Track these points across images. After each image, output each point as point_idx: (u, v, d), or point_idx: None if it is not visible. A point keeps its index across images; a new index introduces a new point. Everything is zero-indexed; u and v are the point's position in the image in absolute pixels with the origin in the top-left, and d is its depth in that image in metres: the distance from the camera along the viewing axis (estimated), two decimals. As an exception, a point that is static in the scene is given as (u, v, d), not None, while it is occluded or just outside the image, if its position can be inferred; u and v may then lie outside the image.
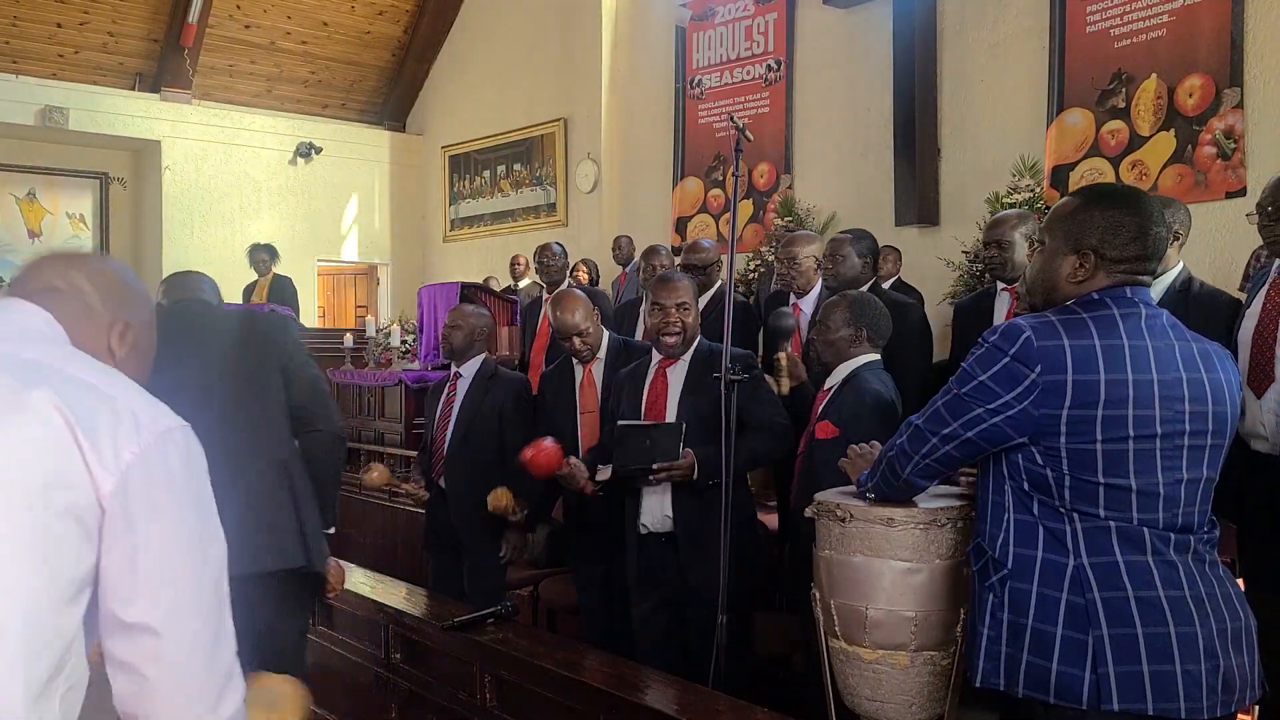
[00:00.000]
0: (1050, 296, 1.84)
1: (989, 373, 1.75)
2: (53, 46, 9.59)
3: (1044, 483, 1.75)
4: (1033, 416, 1.71)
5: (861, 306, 2.94)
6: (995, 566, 1.78)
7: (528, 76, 10.20)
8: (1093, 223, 1.77)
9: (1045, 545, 1.74)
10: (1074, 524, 1.72)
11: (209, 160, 10.31)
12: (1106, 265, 1.77)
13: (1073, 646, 1.69)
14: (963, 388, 1.79)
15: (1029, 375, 1.71)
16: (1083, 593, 1.70)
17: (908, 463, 1.90)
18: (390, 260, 11.73)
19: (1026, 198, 6.19)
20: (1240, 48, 5.62)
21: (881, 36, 7.04)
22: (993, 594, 1.78)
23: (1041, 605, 1.72)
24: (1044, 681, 1.70)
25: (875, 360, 2.93)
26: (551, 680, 2.59)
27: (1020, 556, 1.76)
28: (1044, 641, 1.71)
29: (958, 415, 1.79)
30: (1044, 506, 1.75)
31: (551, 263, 5.55)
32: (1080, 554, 1.71)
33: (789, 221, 7.54)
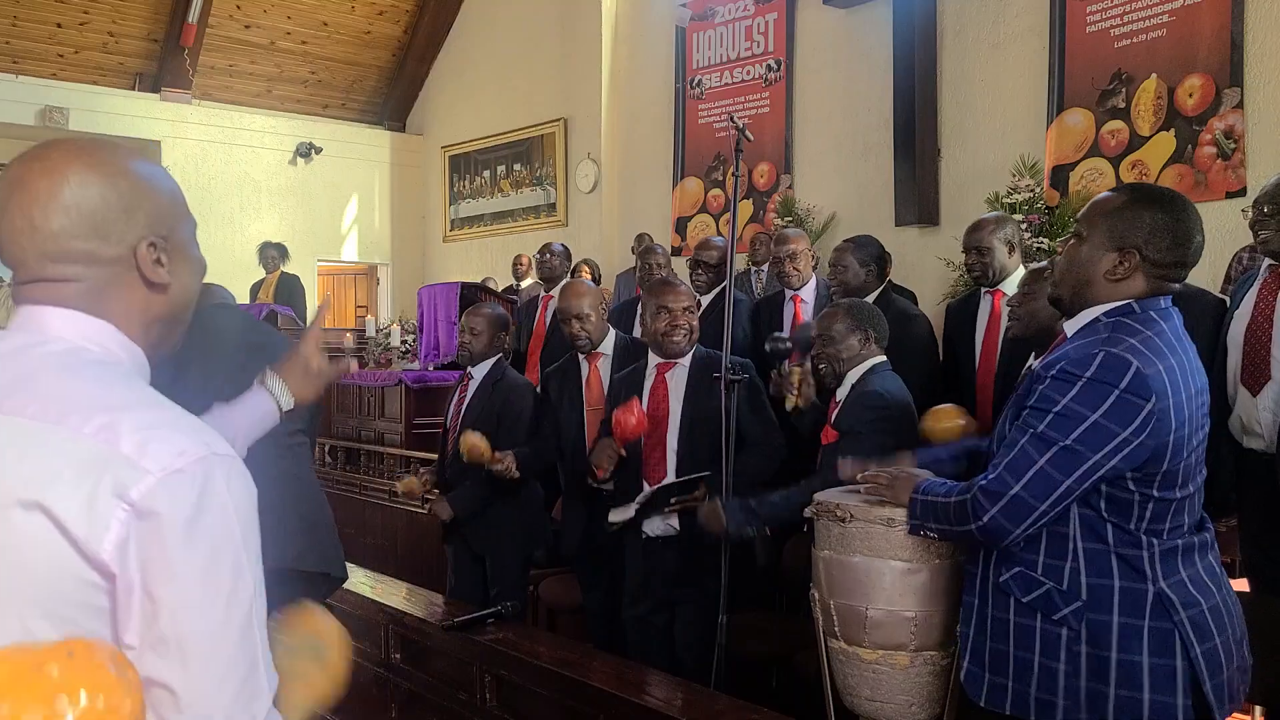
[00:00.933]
0: (1082, 291, 1.80)
1: (1099, 412, 1.64)
2: (53, 46, 9.59)
3: (1127, 509, 1.69)
4: (1148, 448, 1.65)
5: (858, 310, 2.96)
6: (1064, 599, 1.71)
7: (528, 76, 10.20)
8: (1140, 222, 1.74)
9: (1121, 574, 1.69)
10: (1150, 548, 1.69)
11: (209, 160, 10.31)
12: (1146, 266, 1.73)
13: (1163, 674, 1.66)
14: (1068, 435, 1.66)
15: (1144, 407, 1.64)
16: (1169, 616, 1.67)
17: (1004, 536, 1.73)
18: (390, 260, 11.73)
19: (1026, 198, 6.19)
20: (1240, 48, 5.62)
21: (881, 36, 7.04)
22: (1066, 628, 1.70)
23: (1124, 636, 1.67)
24: (1136, 713, 1.66)
25: (882, 362, 2.93)
26: (551, 680, 2.59)
27: (1095, 587, 1.69)
28: (1132, 672, 1.66)
29: (1070, 470, 1.66)
30: (1119, 532, 1.70)
31: (550, 261, 5.56)
32: (1158, 579, 1.68)
33: (789, 221, 7.54)
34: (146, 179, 1.09)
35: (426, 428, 6.70)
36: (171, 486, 0.94)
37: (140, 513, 0.93)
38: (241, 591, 0.98)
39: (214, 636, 0.96)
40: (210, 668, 0.96)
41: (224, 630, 0.97)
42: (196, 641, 0.95)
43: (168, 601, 0.93)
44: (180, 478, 0.94)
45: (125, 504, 0.92)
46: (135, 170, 1.08)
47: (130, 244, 1.06)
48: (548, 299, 5.53)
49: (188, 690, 0.94)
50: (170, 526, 0.93)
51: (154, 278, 1.08)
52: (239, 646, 0.98)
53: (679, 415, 3.11)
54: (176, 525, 0.94)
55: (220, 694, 0.96)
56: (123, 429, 0.95)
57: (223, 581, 0.96)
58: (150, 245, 1.07)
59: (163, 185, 1.11)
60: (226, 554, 0.97)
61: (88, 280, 1.05)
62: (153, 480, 0.93)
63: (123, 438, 0.95)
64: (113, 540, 0.92)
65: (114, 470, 0.93)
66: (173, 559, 0.93)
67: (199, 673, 0.95)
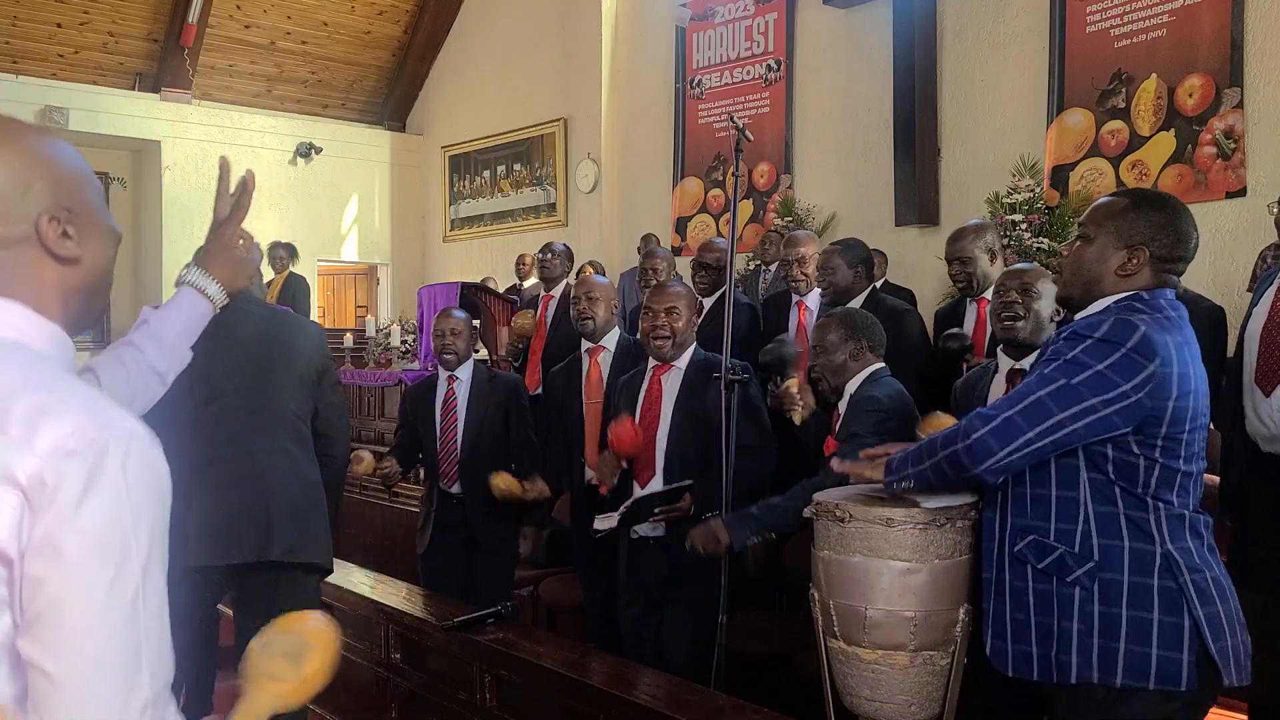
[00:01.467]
0: (1091, 288, 1.92)
1: (1105, 363, 1.76)
2: (53, 46, 9.60)
3: (1133, 472, 1.80)
4: (1145, 407, 1.76)
5: (852, 320, 2.92)
6: (1077, 560, 1.81)
7: (528, 76, 10.20)
8: (1146, 221, 1.88)
9: (1130, 535, 1.80)
10: (1157, 512, 1.80)
11: (209, 160, 10.31)
12: (1153, 263, 1.88)
13: (1171, 631, 1.76)
14: (1073, 378, 1.77)
15: (1148, 367, 1.75)
16: (1174, 577, 1.77)
17: (987, 457, 1.81)
18: (390, 260, 11.73)
19: (1026, 198, 6.19)
20: (1240, 48, 5.62)
21: (881, 36, 7.04)
22: (1079, 588, 1.80)
23: (1135, 593, 1.78)
24: (1144, 669, 1.76)
25: (880, 369, 2.89)
26: (551, 680, 2.60)
27: (1106, 548, 1.80)
28: (1142, 628, 1.77)
29: (1066, 405, 1.76)
30: (1127, 495, 1.81)
31: (551, 261, 5.53)
32: (1165, 540, 1.79)
33: (789, 221, 7.54)
34: (40, 151, 1.05)
35: (426, 428, 6.70)
36: (59, 466, 0.91)
37: (29, 494, 0.90)
38: (126, 578, 0.94)
39: (92, 622, 0.93)
40: (86, 654, 0.93)
41: (104, 617, 0.93)
42: (74, 626, 0.92)
43: (48, 583, 0.91)
44: (70, 458, 0.91)
45: (14, 488, 0.90)
46: (26, 144, 1.04)
47: (31, 220, 1.03)
48: (548, 299, 5.50)
49: (62, 676, 0.92)
50: (56, 507, 0.91)
51: (61, 252, 1.05)
52: (119, 635, 0.94)
53: (669, 418, 3.12)
54: (62, 505, 0.91)
55: (95, 683, 0.93)
56: (14, 413, 0.92)
57: (106, 566, 0.93)
58: (53, 220, 1.04)
59: (62, 155, 1.07)
60: (114, 537, 0.93)
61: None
62: (38, 461, 0.91)
63: (12, 423, 0.92)
64: (5, 526, 0.90)
65: (5, 455, 0.90)
66: (56, 540, 0.91)
67: (74, 659, 0.92)
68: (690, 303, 3.22)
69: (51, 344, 1.04)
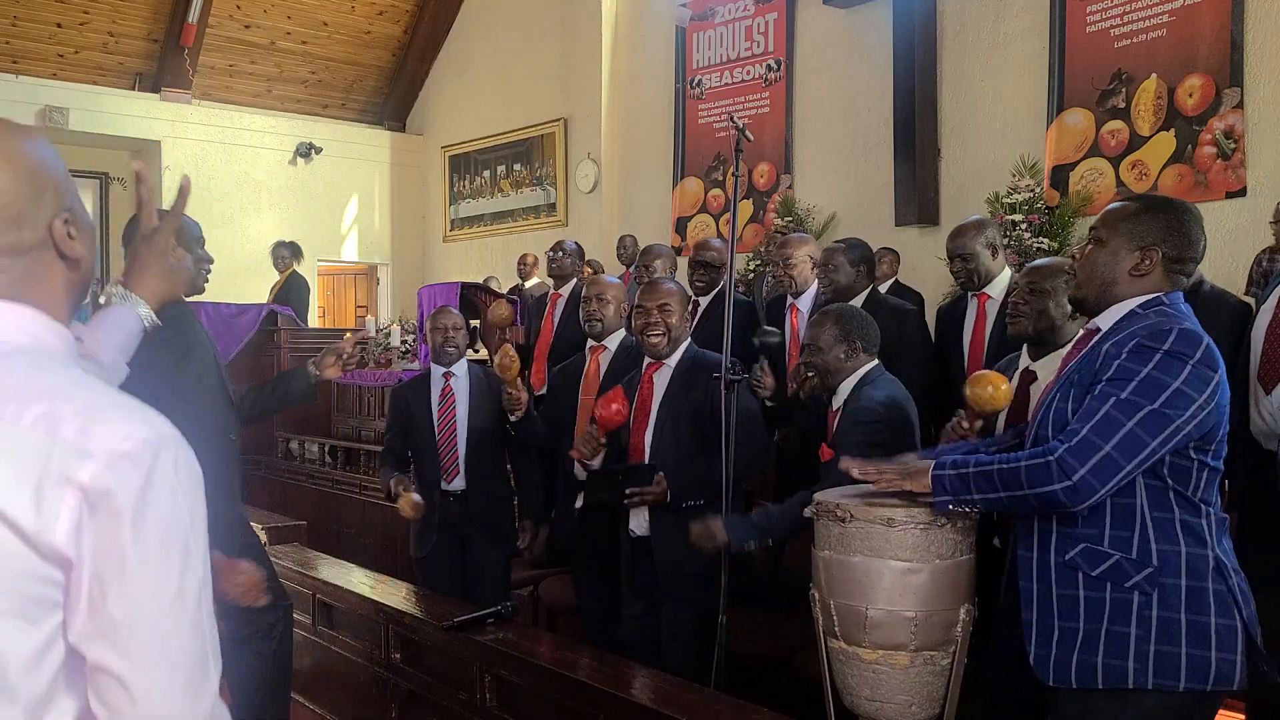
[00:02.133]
0: (1106, 290, 1.96)
1: (1181, 379, 1.79)
2: (53, 46, 9.59)
3: (1186, 476, 1.84)
4: (1213, 415, 1.82)
5: (847, 319, 2.88)
6: (1135, 566, 1.83)
7: (528, 76, 10.20)
8: (1157, 224, 1.93)
9: (1186, 541, 1.83)
10: (1207, 516, 1.85)
11: (209, 160, 10.31)
12: (1165, 263, 1.92)
13: (1227, 633, 1.80)
14: (1155, 400, 1.78)
15: (1214, 376, 1.81)
16: (1224, 580, 1.82)
17: (1091, 495, 1.80)
18: (390, 260, 11.73)
19: (1026, 198, 6.19)
20: (1240, 48, 5.62)
21: (881, 36, 7.04)
22: (1139, 593, 1.82)
23: (1192, 598, 1.81)
24: (1204, 671, 1.79)
25: (875, 367, 2.87)
26: (551, 680, 2.59)
27: (1165, 553, 1.83)
28: (1202, 632, 1.80)
29: (1158, 431, 1.78)
30: (1181, 499, 1.84)
31: (562, 260, 5.44)
32: (1214, 545, 1.84)
33: (789, 221, 7.54)
34: (44, 155, 1.06)
35: (426, 428, 6.69)
36: (119, 469, 0.91)
37: (90, 496, 0.90)
38: (191, 576, 0.96)
39: (164, 623, 0.94)
40: (161, 655, 0.94)
41: (174, 617, 0.94)
42: (147, 628, 0.93)
43: (116, 587, 0.91)
44: (127, 461, 0.92)
45: (75, 488, 0.90)
46: (30, 150, 1.05)
47: (45, 225, 1.05)
48: (556, 297, 5.38)
49: (138, 679, 0.93)
50: (119, 510, 0.91)
51: (71, 252, 1.07)
52: (189, 633, 0.96)
53: (656, 414, 3.13)
54: (125, 509, 0.91)
55: (172, 682, 0.94)
56: (62, 415, 0.93)
57: (172, 566, 0.94)
58: (64, 221, 1.06)
59: (54, 158, 1.09)
60: (176, 538, 0.95)
61: (13, 271, 1.03)
62: (99, 464, 0.91)
63: (63, 424, 0.92)
64: (65, 528, 0.90)
65: (59, 458, 0.91)
66: (121, 543, 0.91)
67: (149, 661, 0.93)
68: (682, 299, 3.22)
69: (63, 344, 1.05)
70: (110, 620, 0.92)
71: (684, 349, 3.19)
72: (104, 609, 0.92)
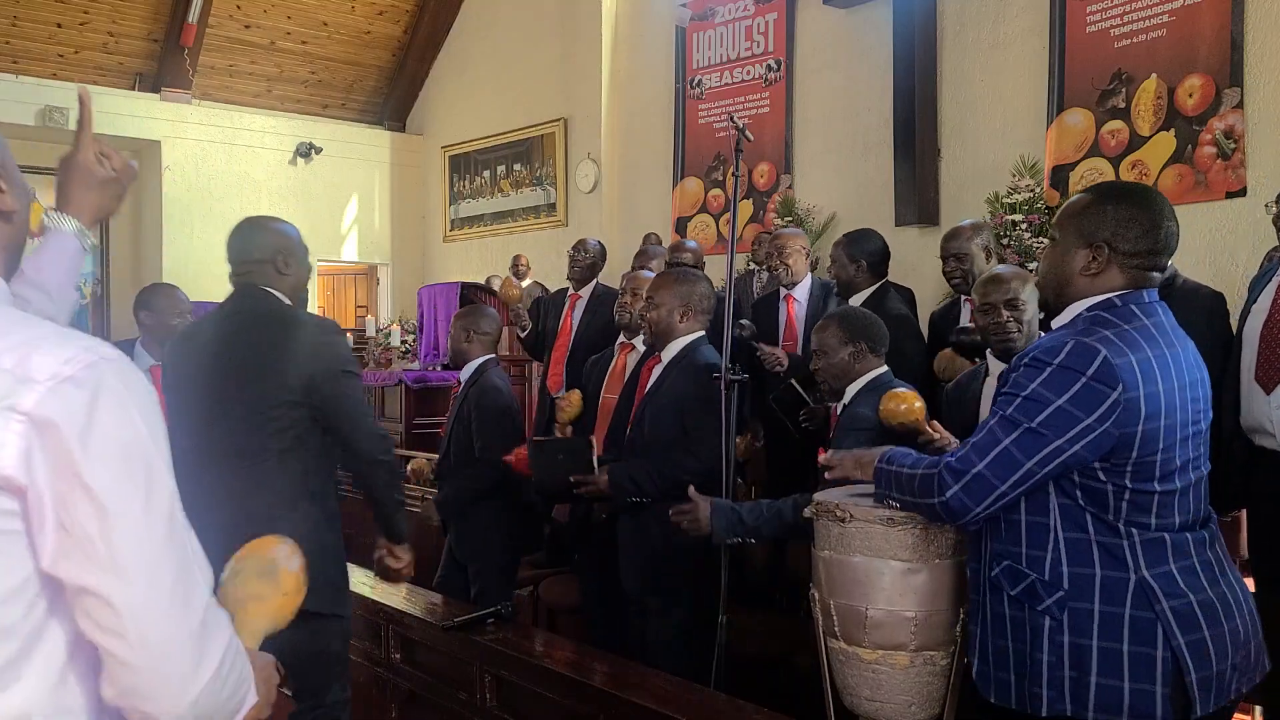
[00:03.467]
0: (1063, 291, 1.85)
1: (1065, 396, 1.67)
2: (53, 46, 9.59)
3: (1102, 498, 1.71)
4: (1112, 436, 1.67)
5: (852, 321, 2.86)
6: (1047, 589, 1.73)
7: (528, 76, 10.20)
8: (1105, 217, 1.79)
9: (1102, 562, 1.71)
10: (1131, 538, 1.71)
11: (209, 160, 10.31)
12: (1120, 259, 1.78)
13: (1144, 663, 1.67)
14: (1034, 419, 1.69)
15: (1111, 395, 1.66)
16: (1150, 606, 1.68)
17: (964, 514, 1.76)
18: (390, 260, 11.73)
19: (1026, 198, 6.19)
20: (1240, 48, 5.62)
21: (881, 36, 7.03)
22: (1049, 617, 1.72)
23: (1105, 624, 1.69)
24: (1116, 703, 1.68)
25: (883, 374, 2.83)
26: (551, 680, 2.60)
27: (1076, 576, 1.72)
28: (1112, 661, 1.68)
29: (1033, 452, 1.69)
30: (1098, 522, 1.72)
31: (583, 258, 5.18)
32: (1140, 568, 1.70)
33: (789, 221, 7.54)
34: None
35: (426, 427, 6.70)
36: (64, 393, 0.91)
37: (37, 422, 0.90)
38: (158, 488, 0.97)
39: (140, 538, 0.94)
40: (142, 570, 0.94)
41: (149, 531, 0.95)
42: (123, 545, 0.93)
43: (85, 510, 0.92)
44: (69, 384, 0.92)
45: (18, 415, 0.90)
46: None
47: None
48: (575, 298, 5.10)
49: (124, 596, 0.93)
50: (71, 433, 0.91)
51: (2, 206, 1.10)
52: (166, 543, 0.96)
53: (640, 408, 3.16)
54: (77, 431, 0.91)
55: (157, 595, 0.95)
56: (1, 348, 0.93)
57: (138, 482, 0.95)
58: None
59: None
60: (137, 454, 0.95)
61: None
62: (42, 389, 0.91)
63: (1, 357, 0.92)
64: (13, 454, 0.90)
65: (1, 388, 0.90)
66: (81, 466, 0.91)
67: (129, 574, 0.93)
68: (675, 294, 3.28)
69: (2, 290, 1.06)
70: (83, 539, 0.92)
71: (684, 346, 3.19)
72: (74, 530, 0.92)
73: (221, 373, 2.44)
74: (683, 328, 3.14)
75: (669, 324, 3.13)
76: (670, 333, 3.14)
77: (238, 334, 2.49)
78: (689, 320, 3.14)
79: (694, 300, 3.15)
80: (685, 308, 3.13)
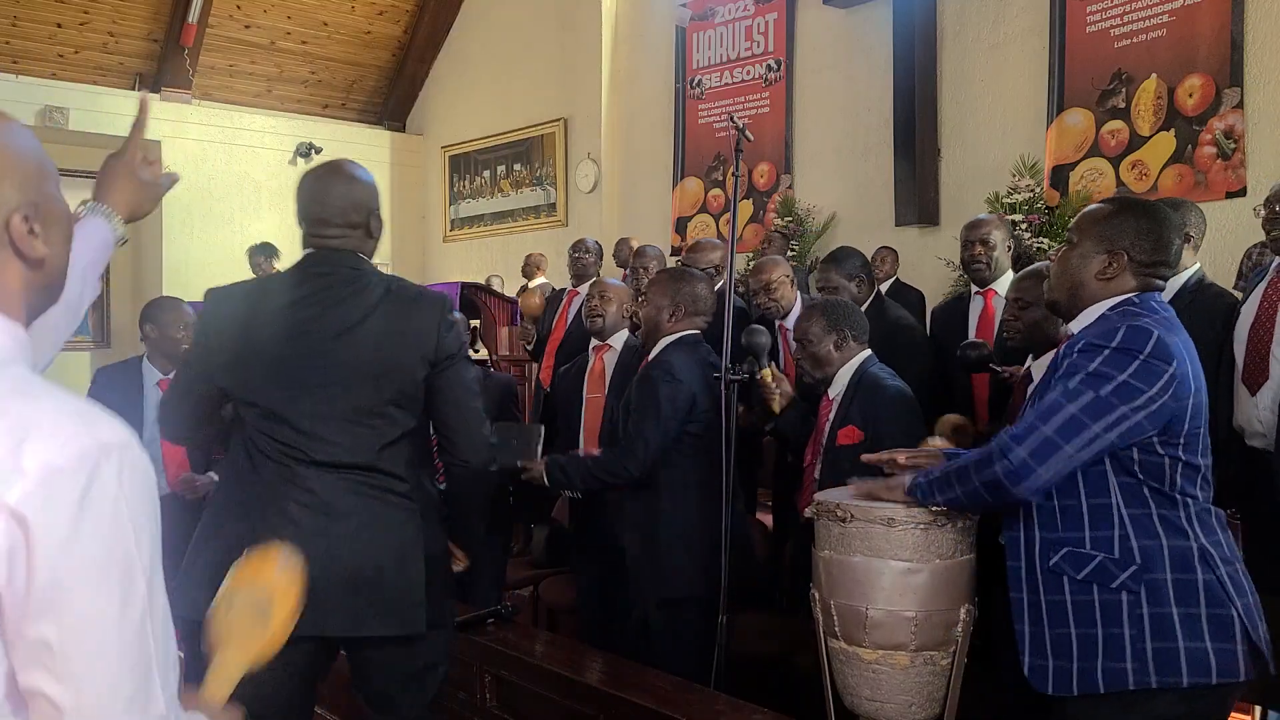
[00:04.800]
0: (1076, 292, 1.96)
1: (1128, 372, 1.78)
2: (53, 46, 9.59)
3: (1159, 472, 1.82)
4: (1169, 408, 1.79)
5: (834, 310, 2.96)
6: (1119, 565, 1.81)
7: (528, 76, 10.19)
8: (1125, 228, 1.92)
9: (1166, 533, 1.81)
10: (1187, 508, 1.83)
11: (209, 160, 10.30)
12: (1133, 266, 1.92)
13: (1221, 623, 1.78)
14: (1099, 390, 1.78)
15: (1168, 369, 1.78)
16: (1213, 570, 1.80)
17: (1030, 477, 1.80)
18: (390, 260, 11.71)
19: (1026, 198, 6.19)
20: (1240, 48, 5.62)
21: (881, 36, 7.04)
22: (1126, 592, 1.79)
23: (1181, 590, 1.78)
24: (1205, 664, 1.76)
25: (870, 357, 2.95)
26: (551, 680, 2.60)
27: (1146, 548, 1.81)
28: (1194, 625, 1.77)
29: (1099, 416, 1.78)
30: (1157, 494, 1.82)
31: (585, 259, 5.48)
32: (1198, 535, 1.82)
33: (789, 221, 7.54)
34: (6, 143, 0.96)
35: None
36: (51, 486, 0.84)
37: (19, 519, 0.83)
38: (134, 596, 0.90)
39: (105, 648, 0.88)
40: (100, 682, 0.88)
41: (117, 641, 0.89)
42: (84, 655, 0.87)
43: (51, 611, 0.85)
44: (60, 476, 0.85)
45: (4, 514, 0.83)
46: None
47: (1, 220, 0.95)
48: (573, 294, 5.32)
49: (76, 706, 0.87)
50: (51, 530, 0.84)
51: (31, 253, 0.97)
52: (131, 655, 0.90)
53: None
54: (58, 528, 0.84)
55: (111, 707, 0.89)
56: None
57: (113, 589, 0.88)
58: (24, 219, 0.95)
59: (26, 146, 0.98)
60: (117, 555, 0.88)
61: None
62: (31, 482, 0.84)
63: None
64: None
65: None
66: (56, 565, 0.85)
67: (86, 686, 0.87)
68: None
69: (14, 344, 0.97)
70: (44, 644, 0.86)
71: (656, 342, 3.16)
72: (36, 633, 0.86)
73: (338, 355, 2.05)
74: (670, 327, 3.09)
75: (657, 322, 3.11)
76: (657, 331, 3.11)
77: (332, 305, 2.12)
78: (678, 320, 3.08)
79: (685, 300, 3.08)
80: (675, 307, 3.08)
